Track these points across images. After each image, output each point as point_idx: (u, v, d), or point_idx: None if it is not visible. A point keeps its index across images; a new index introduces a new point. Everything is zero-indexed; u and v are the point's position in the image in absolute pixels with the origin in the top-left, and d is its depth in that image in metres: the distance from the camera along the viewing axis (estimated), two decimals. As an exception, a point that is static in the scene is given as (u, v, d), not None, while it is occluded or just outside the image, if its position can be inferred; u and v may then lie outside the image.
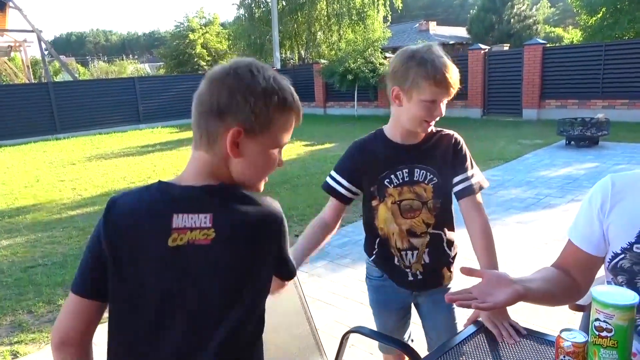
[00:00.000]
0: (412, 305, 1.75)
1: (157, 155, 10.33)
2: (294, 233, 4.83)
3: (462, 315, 1.56)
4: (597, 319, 0.95)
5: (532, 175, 6.67)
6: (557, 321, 2.63)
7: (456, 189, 1.55)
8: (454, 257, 1.66)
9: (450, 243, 1.64)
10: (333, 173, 1.66)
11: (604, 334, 0.94)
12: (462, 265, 1.20)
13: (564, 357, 1.01)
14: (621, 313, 0.92)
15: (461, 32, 30.37)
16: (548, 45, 13.28)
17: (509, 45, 19.10)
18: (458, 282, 1.66)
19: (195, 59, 28.05)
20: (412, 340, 1.80)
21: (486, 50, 13.86)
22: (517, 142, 9.32)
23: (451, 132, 1.60)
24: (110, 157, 10.56)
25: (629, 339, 0.94)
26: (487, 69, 13.57)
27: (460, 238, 1.68)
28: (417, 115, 1.45)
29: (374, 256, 1.68)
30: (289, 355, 1.71)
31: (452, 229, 1.64)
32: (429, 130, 1.53)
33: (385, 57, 14.69)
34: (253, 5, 24.99)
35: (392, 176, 1.55)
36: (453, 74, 1.42)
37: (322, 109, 17.77)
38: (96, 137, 14.76)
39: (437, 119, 1.49)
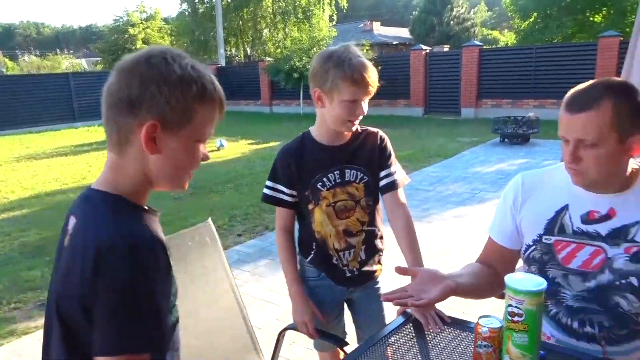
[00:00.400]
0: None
1: (94, 155, 9.85)
2: (236, 232, 4.78)
3: (392, 306, 1.61)
4: (509, 305, 1.00)
5: (468, 172, 6.97)
6: (492, 308, 2.76)
7: (380, 183, 1.59)
8: (383, 250, 1.71)
9: (381, 237, 1.68)
10: (270, 183, 1.64)
11: (515, 318, 1.00)
12: (386, 260, 1.23)
13: (482, 342, 1.06)
14: (530, 298, 0.98)
15: (404, 32, 31.16)
16: (485, 47, 13.90)
17: (448, 46, 19.82)
18: (386, 274, 1.71)
19: (136, 55, 26.98)
20: (346, 334, 1.82)
21: (427, 50, 14.31)
22: (456, 139, 9.69)
23: (376, 129, 1.63)
24: (42, 158, 9.97)
25: (538, 322, 1.00)
26: (428, 69, 14.01)
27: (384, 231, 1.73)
28: (340, 115, 1.47)
29: (311, 256, 1.68)
30: (225, 355, 1.69)
31: (381, 223, 1.69)
32: (354, 129, 1.55)
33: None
34: (196, 1, 24.43)
35: (325, 179, 1.56)
36: (371, 73, 1.43)
37: (268, 107, 17.65)
38: (26, 137, 13.89)
39: (361, 117, 1.51)
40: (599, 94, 1.11)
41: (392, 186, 1.57)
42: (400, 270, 1.25)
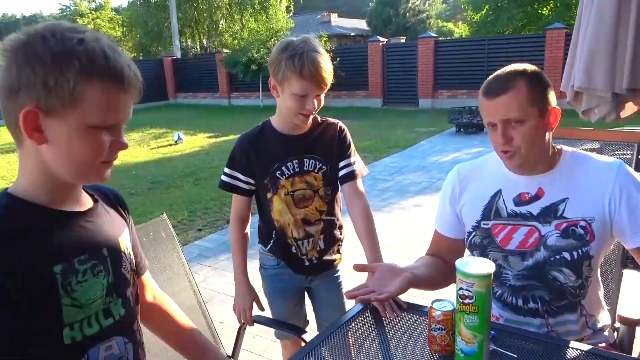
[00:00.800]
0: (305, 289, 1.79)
1: (43, 151, 9.42)
2: (197, 227, 4.71)
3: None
4: (460, 288, 1.04)
5: (426, 161, 7.13)
6: (446, 292, 2.84)
7: (340, 174, 1.62)
8: (342, 240, 1.73)
9: (341, 227, 1.71)
10: (228, 170, 1.65)
11: (466, 301, 1.03)
12: (347, 250, 1.25)
13: (435, 325, 1.10)
14: (480, 281, 1.02)
15: (361, 24, 31.36)
16: (440, 38, 14.18)
17: (405, 37, 20.10)
18: (345, 263, 1.74)
19: (86, 46, 25.91)
20: (308, 322, 1.85)
21: (384, 42, 14.46)
22: (414, 130, 9.88)
23: (336, 120, 1.65)
24: (-14, 155, 9.45)
25: (487, 304, 1.05)
26: (386, 61, 14.17)
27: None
28: (291, 107, 1.48)
29: (270, 245, 1.69)
30: (185, 352, 1.67)
31: (341, 213, 1.71)
32: (309, 121, 1.56)
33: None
34: (149, -10, 23.67)
35: (283, 168, 1.57)
36: (323, 70, 1.43)
37: (226, 99, 17.38)
38: (-32, 133, 13.11)
39: (315, 112, 1.52)
40: (512, 77, 1.22)
41: (351, 176, 1.60)
42: (358, 268, 1.31)
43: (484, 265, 1.04)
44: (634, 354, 1.36)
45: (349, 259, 1.80)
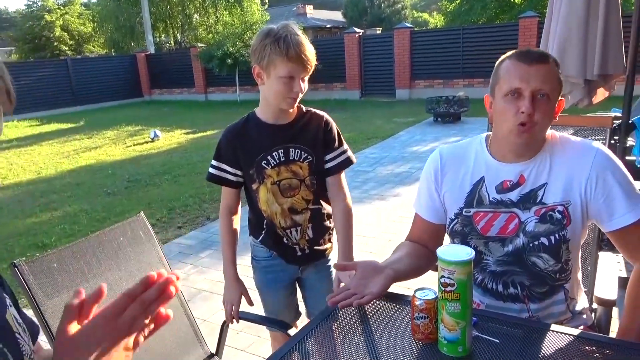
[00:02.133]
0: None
1: (14, 152, 9.15)
2: (176, 225, 4.65)
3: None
4: (442, 276, 1.05)
5: (405, 151, 7.18)
6: (427, 280, 2.87)
7: (325, 167, 1.63)
8: (332, 229, 1.74)
9: (329, 216, 1.72)
10: (215, 162, 1.65)
11: (448, 288, 1.04)
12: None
13: (418, 314, 1.11)
14: (461, 268, 1.03)
15: (337, 16, 31.28)
16: (415, 29, 14.24)
17: (380, 29, 20.12)
18: (336, 254, 1.75)
19: (55, 43, 25.22)
20: (300, 314, 1.86)
21: (360, 33, 14.44)
22: (392, 120, 9.93)
23: (322, 113, 1.67)
24: (-46, 158, 9.14)
25: (469, 290, 1.06)
26: (363, 52, 14.17)
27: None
28: (278, 91, 1.48)
29: (262, 236, 1.70)
30: (168, 350, 1.65)
31: (329, 202, 1.72)
32: (295, 106, 1.57)
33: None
34: (119, -16, 23.07)
35: (269, 157, 1.58)
36: (307, 51, 1.46)
37: (203, 95, 17.15)
38: None
39: (301, 95, 1.53)
40: (547, 55, 1.23)
41: (336, 169, 1.63)
42: (339, 267, 1.32)
43: (464, 253, 1.05)
44: (611, 335, 1.40)
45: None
